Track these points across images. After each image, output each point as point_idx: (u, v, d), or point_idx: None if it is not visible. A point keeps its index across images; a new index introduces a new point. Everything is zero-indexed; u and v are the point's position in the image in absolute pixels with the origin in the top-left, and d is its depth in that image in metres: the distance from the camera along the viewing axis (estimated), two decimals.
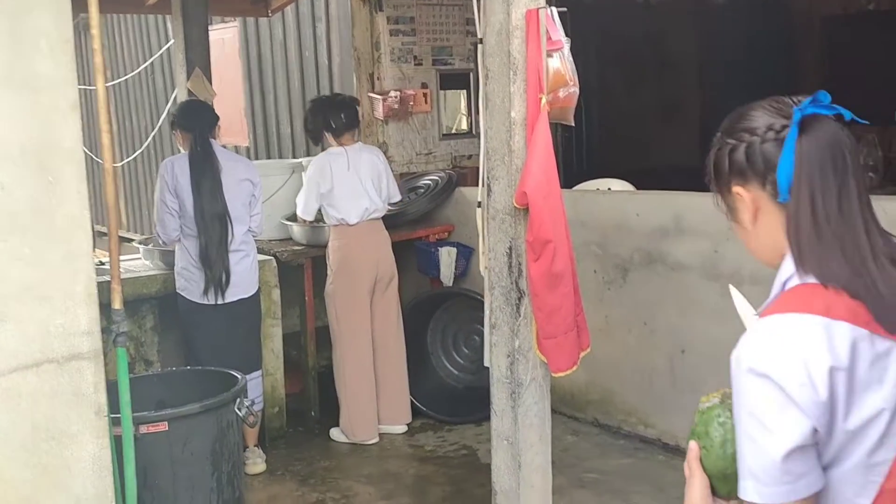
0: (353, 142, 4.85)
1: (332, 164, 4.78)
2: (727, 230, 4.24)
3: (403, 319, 5.31)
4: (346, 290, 4.80)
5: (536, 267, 3.06)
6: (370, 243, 4.83)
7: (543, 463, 3.28)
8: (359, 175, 4.78)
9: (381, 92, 6.61)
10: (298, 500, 4.27)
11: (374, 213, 4.84)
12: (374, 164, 4.87)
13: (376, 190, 4.84)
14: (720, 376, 4.41)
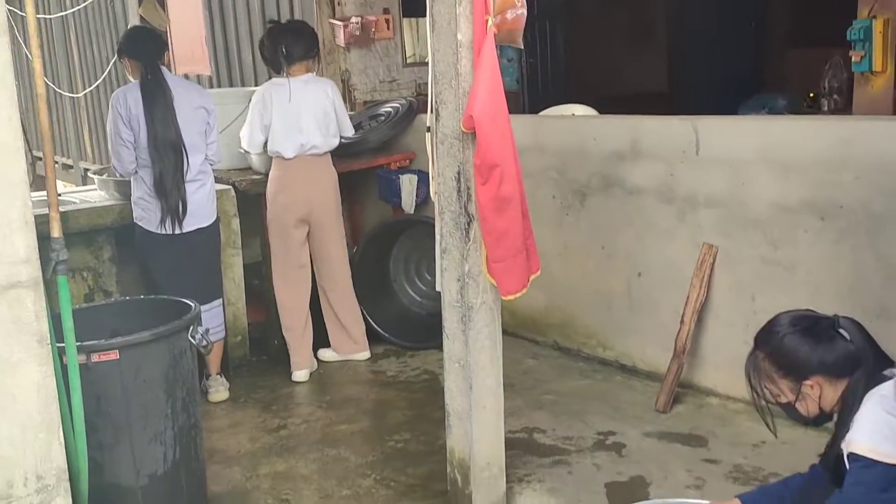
0: (303, 72, 4.75)
1: (273, 96, 4.72)
2: (682, 153, 4.27)
3: (365, 248, 5.33)
4: (277, 223, 4.80)
5: (484, 191, 3.05)
6: (304, 179, 4.74)
7: (495, 385, 3.32)
8: (298, 108, 4.69)
9: (342, 18, 6.51)
10: (260, 426, 4.32)
11: (313, 149, 4.73)
12: (319, 98, 4.74)
13: (318, 125, 4.72)
14: (674, 298, 4.50)
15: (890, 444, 2.12)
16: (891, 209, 3.48)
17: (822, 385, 2.31)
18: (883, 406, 2.18)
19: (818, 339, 2.31)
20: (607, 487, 3.53)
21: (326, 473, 3.80)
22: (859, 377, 2.26)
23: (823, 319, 2.37)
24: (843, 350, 2.29)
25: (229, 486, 3.74)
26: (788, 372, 2.33)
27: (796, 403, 2.36)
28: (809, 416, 2.37)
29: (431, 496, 3.55)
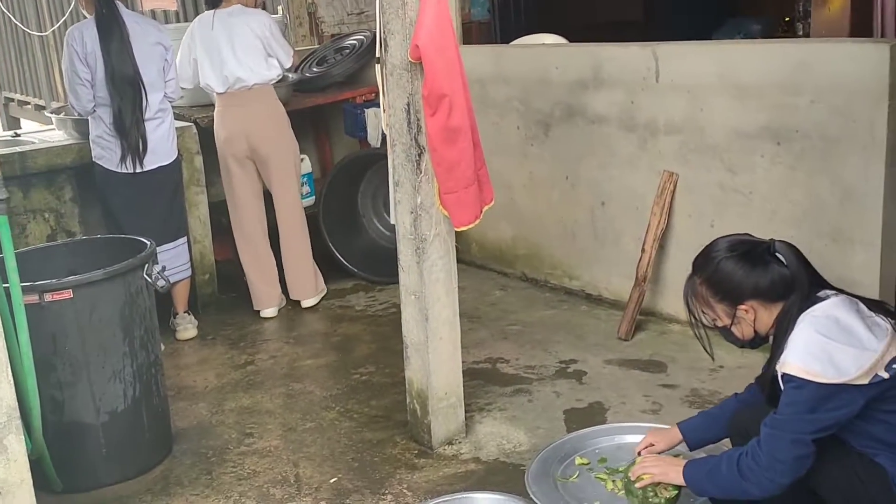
0: (231, 4, 4.65)
1: (197, 29, 4.65)
2: (642, 80, 4.24)
3: (332, 183, 5.30)
4: (220, 159, 4.77)
5: (433, 122, 3.03)
6: (240, 115, 4.65)
7: (451, 316, 3.34)
8: (219, 41, 4.59)
9: None
10: (227, 362, 4.35)
11: (239, 82, 4.61)
12: (247, 29, 4.60)
13: (244, 58, 4.58)
14: (638, 226, 4.52)
15: (820, 363, 2.15)
16: (845, 133, 3.48)
17: (756, 309, 2.33)
18: (814, 327, 2.20)
19: (753, 263, 2.32)
20: (566, 414, 3.58)
21: (291, 407, 3.84)
22: (794, 301, 2.27)
23: (759, 244, 2.37)
24: (777, 275, 2.30)
25: (194, 421, 3.78)
26: (724, 297, 2.35)
27: (732, 327, 2.38)
28: (745, 340, 2.40)
29: (393, 427, 3.59)
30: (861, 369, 2.14)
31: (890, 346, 2.17)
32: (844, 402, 2.16)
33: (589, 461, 2.94)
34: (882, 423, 2.22)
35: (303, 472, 3.34)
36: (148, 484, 3.33)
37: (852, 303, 2.28)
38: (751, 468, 2.25)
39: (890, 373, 2.16)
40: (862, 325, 2.20)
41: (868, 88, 3.36)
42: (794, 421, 2.19)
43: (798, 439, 2.19)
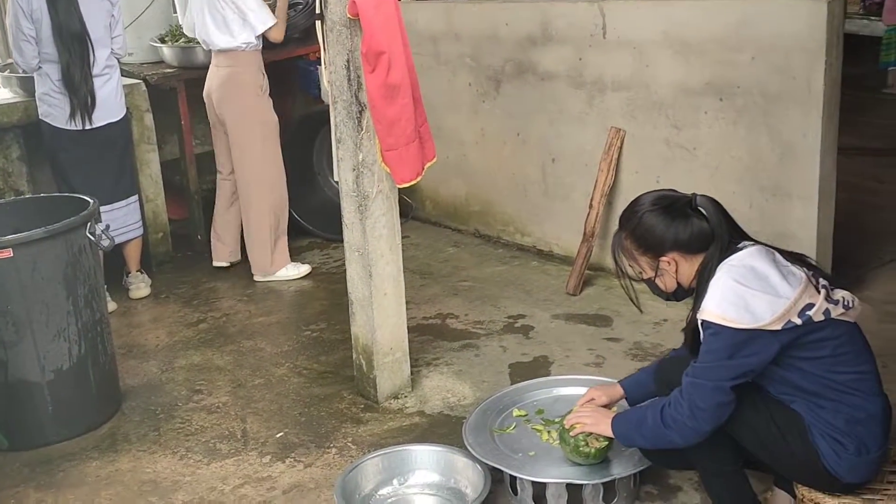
0: None
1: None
2: (590, 37, 4.25)
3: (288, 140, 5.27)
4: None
5: (372, 79, 3.03)
6: (210, 75, 4.66)
7: (395, 272, 3.38)
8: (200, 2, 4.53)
9: None
10: (180, 320, 4.37)
11: (207, 44, 4.59)
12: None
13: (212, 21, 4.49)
14: (587, 183, 4.56)
15: (736, 310, 2.21)
16: (784, 89, 3.52)
17: (678, 261, 2.38)
18: (730, 275, 2.26)
19: (674, 217, 2.37)
20: (511, 368, 3.64)
21: (241, 364, 3.88)
22: (713, 252, 2.33)
23: (681, 198, 2.42)
24: (697, 227, 2.35)
25: (144, 379, 3.80)
26: (647, 249, 2.40)
27: (656, 279, 2.43)
28: (668, 291, 2.45)
29: (341, 381, 3.64)
30: (775, 315, 2.20)
31: (803, 294, 2.23)
32: (760, 347, 2.22)
33: (526, 413, 3.00)
34: (797, 371, 2.28)
35: (250, 427, 3.38)
36: (96, 441, 3.36)
37: (769, 252, 2.34)
38: (673, 417, 2.32)
39: (803, 319, 2.22)
40: (777, 274, 2.26)
41: (806, 45, 3.40)
42: (714, 368, 2.25)
43: (718, 386, 2.26)
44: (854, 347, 2.33)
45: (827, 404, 2.29)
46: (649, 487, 2.84)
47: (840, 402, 2.28)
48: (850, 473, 2.28)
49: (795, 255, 2.39)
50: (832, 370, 2.28)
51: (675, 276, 2.40)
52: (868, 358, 2.36)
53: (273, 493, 2.99)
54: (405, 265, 4.55)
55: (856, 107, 6.90)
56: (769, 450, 2.35)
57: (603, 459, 2.67)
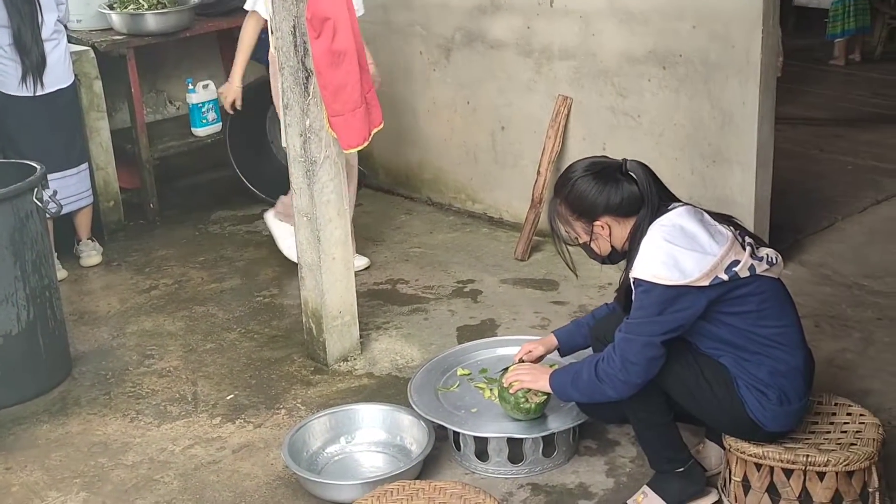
0: None
1: None
2: (538, 5, 4.30)
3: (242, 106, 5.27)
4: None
5: (318, 45, 3.07)
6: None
7: (343, 236, 3.43)
8: None
9: None
10: (132, 287, 4.38)
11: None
12: None
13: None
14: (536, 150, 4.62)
15: (665, 267, 2.30)
16: (723, 58, 3.61)
17: (611, 225, 2.47)
18: (661, 234, 2.35)
19: (605, 182, 2.45)
20: (458, 331, 3.72)
21: (193, 329, 3.91)
22: (644, 215, 2.42)
23: (612, 164, 2.51)
24: (628, 192, 2.44)
25: (95, 344, 3.82)
26: (581, 214, 2.49)
27: (591, 243, 2.52)
28: (603, 255, 2.54)
29: (292, 345, 3.70)
30: (703, 271, 2.30)
31: (730, 251, 2.34)
32: (688, 303, 2.32)
33: (470, 372, 3.08)
34: (725, 325, 2.39)
35: (200, 390, 3.43)
36: (46, 405, 3.39)
37: (697, 212, 2.43)
38: (606, 372, 2.41)
39: (729, 275, 2.32)
40: (705, 232, 2.36)
41: (744, 15, 3.48)
42: (645, 324, 2.35)
43: (649, 342, 2.35)
44: (777, 302, 2.44)
45: (751, 357, 2.40)
46: (588, 442, 2.94)
47: (763, 355, 2.39)
48: (773, 422, 2.39)
49: (724, 216, 2.49)
50: (756, 324, 2.39)
51: (608, 240, 2.49)
52: (790, 312, 2.48)
53: (223, 452, 3.05)
54: (358, 232, 4.64)
55: (803, 78, 7.05)
56: (698, 401, 2.46)
57: (542, 414, 2.76)
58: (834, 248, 4.23)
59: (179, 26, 5.01)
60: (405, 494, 2.37)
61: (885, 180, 5.01)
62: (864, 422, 2.50)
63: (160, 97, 5.80)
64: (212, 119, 5.30)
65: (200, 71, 5.70)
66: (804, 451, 2.39)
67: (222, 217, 5.16)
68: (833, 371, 3.25)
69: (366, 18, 4.78)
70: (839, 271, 4.00)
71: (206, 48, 5.81)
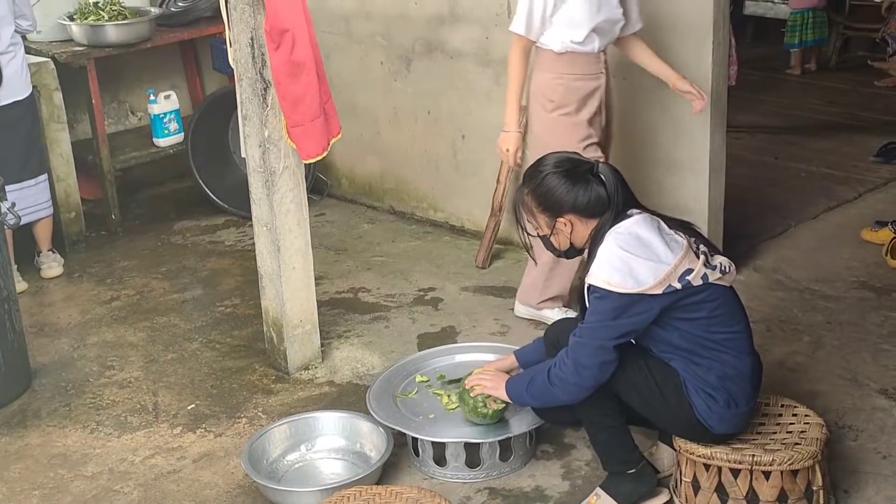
0: None
1: None
2: (496, 16, 4.36)
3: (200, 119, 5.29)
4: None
5: (277, 56, 3.10)
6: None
7: (303, 245, 3.46)
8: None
9: None
10: (93, 299, 4.37)
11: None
12: None
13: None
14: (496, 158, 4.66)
15: (620, 275, 2.36)
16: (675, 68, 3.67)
17: (574, 223, 2.52)
18: (617, 242, 2.41)
19: (575, 181, 2.50)
20: (419, 338, 3.77)
21: (154, 340, 3.92)
22: (607, 218, 2.47)
23: (584, 164, 2.56)
24: (595, 193, 2.49)
25: (55, 356, 3.82)
26: (546, 208, 2.54)
27: (551, 237, 2.57)
28: (561, 250, 2.59)
29: (253, 355, 3.71)
30: (656, 279, 2.36)
31: (683, 260, 2.40)
32: (642, 310, 2.38)
33: (428, 378, 3.12)
34: (676, 330, 2.45)
35: (161, 401, 3.44)
36: (5, 417, 3.38)
37: (654, 220, 2.49)
38: (559, 376, 2.46)
39: (682, 283, 2.38)
40: (660, 241, 2.42)
41: (694, 26, 3.56)
42: (598, 328, 2.40)
43: (601, 346, 2.41)
44: (728, 309, 2.50)
45: (701, 361, 2.46)
46: (545, 446, 2.99)
47: (713, 360, 2.46)
48: (721, 425, 2.45)
49: (681, 223, 2.56)
50: (707, 330, 2.45)
51: (569, 237, 2.54)
52: (741, 319, 2.54)
53: (183, 461, 3.07)
54: (320, 242, 4.67)
55: (760, 87, 7.19)
56: (649, 404, 2.52)
57: (499, 420, 2.81)
58: (786, 254, 4.32)
59: (140, 37, 5.02)
60: (362, 500, 2.41)
61: (836, 187, 5.13)
62: (808, 422, 2.58)
63: (122, 108, 5.80)
64: (173, 129, 5.31)
65: (162, 81, 5.71)
66: (750, 451, 2.46)
67: (185, 227, 5.17)
68: (783, 374, 3.33)
69: (326, 29, 4.85)
70: (791, 276, 4.09)
71: (168, 59, 5.82)
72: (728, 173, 3.98)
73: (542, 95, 3.48)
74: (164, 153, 5.29)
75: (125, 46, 4.98)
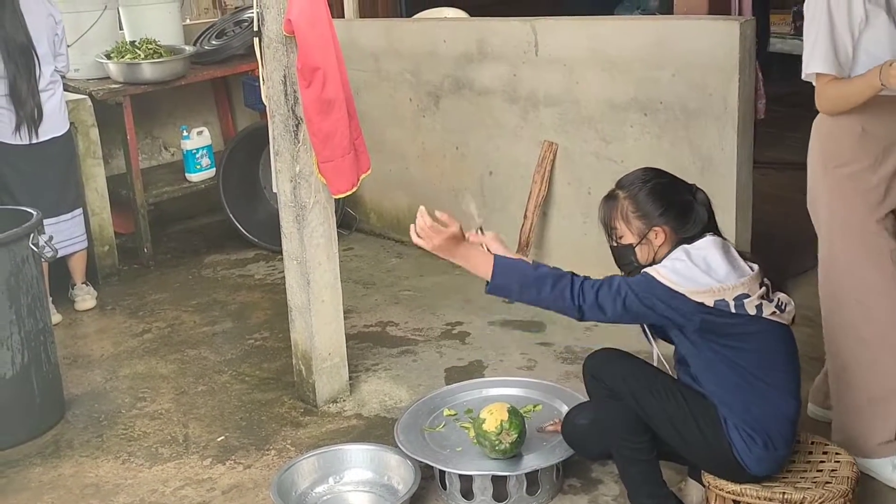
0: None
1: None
2: (523, 54, 4.42)
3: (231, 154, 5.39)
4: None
5: (308, 93, 3.16)
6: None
7: (332, 279, 3.50)
8: None
9: None
10: (126, 331, 4.43)
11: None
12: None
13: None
14: (523, 194, 4.70)
15: (678, 276, 2.39)
16: (702, 105, 3.71)
17: (664, 234, 2.50)
18: (686, 253, 2.43)
19: (677, 194, 2.53)
20: (447, 372, 3.78)
21: (185, 372, 3.96)
22: (691, 237, 2.49)
23: (684, 182, 2.59)
24: (696, 212, 2.51)
25: (88, 387, 3.87)
26: (644, 214, 2.51)
27: (636, 246, 2.54)
28: (642, 262, 2.54)
29: (282, 387, 3.75)
30: (708, 286, 2.37)
31: (745, 283, 2.40)
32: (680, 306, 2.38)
33: (456, 412, 3.14)
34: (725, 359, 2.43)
35: (192, 432, 3.48)
36: (39, 448, 3.43)
37: (725, 244, 2.52)
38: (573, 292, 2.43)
39: (735, 305, 2.37)
40: (724, 262, 2.43)
41: (720, 64, 3.59)
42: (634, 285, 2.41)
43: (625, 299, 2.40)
44: (779, 348, 2.48)
45: (745, 396, 2.44)
46: (572, 480, 2.99)
47: (758, 397, 2.44)
48: (757, 466, 2.44)
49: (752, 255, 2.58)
50: (755, 365, 2.44)
51: (654, 249, 2.52)
52: (791, 360, 2.52)
53: (213, 493, 3.09)
54: (349, 276, 4.71)
55: (786, 123, 7.16)
56: (684, 438, 2.51)
57: (518, 453, 2.81)
58: (815, 291, 4.27)
59: (175, 75, 5.14)
60: None
61: None
62: (839, 460, 2.56)
63: (155, 143, 5.92)
64: (205, 165, 5.41)
65: (195, 118, 5.83)
66: (781, 488, 2.44)
67: (215, 261, 5.24)
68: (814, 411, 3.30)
69: (356, 67, 4.94)
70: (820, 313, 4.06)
71: (201, 95, 5.94)
72: (755, 209, 3.98)
73: (825, 148, 2.83)
74: (195, 188, 5.39)
75: (160, 84, 5.10)
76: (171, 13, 5.51)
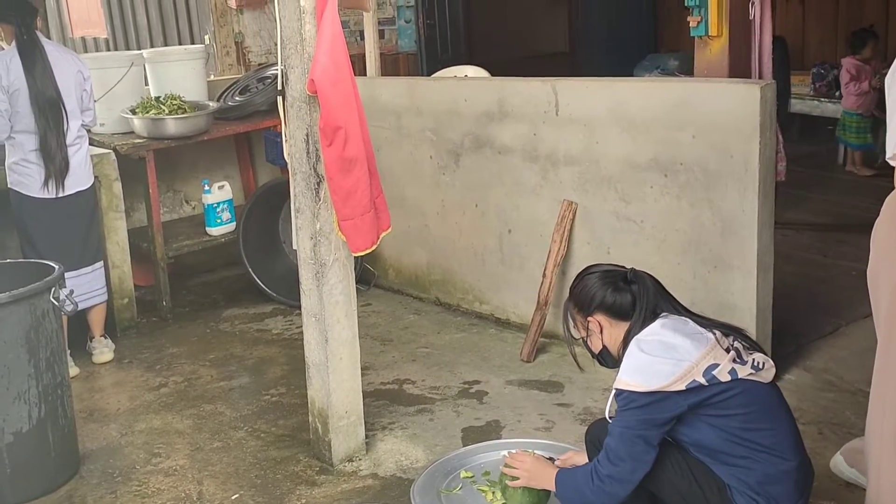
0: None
1: None
2: (544, 113, 4.45)
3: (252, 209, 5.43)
4: None
5: (329, 152, 3.19)
6: None
7: (350, 337, 3.48)
8: None
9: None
10: (142, 385, 4.43)
11: None
12: None
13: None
14: (542, 253, 4.69)
15: (642, 376, 2.45)
16: (723, 167, 3.71)
17: (602, 324, 2.59)
18: (640, 347, 2.47)
19: (607, 283, 2.60)
20: (464, 432, 3.74)
21: (200, 428, 3.94)
22: (635, 321, 2.53)
23: (620, 270, 2.65)
24: (624, 295, 2.56)
25: (104, 442, 3.85)
26: (580, 309, 2.66)
27: (586, 339, 2.63)
28: (595, 351, 2.64)
29: (298, 445, 3.72)
30: (676, 376, 2.38)
31: (708, 355, 2.42)
32: (668, 406, 2.42)
33: (473, 474, 3.10)
34: (713, 429, 2.46)
35: (206, 490, 3.44)
36: (53, 503, 3.40)
37: (680, 321, 2.54)
38: (599, 473, 2.46)
39: (707, 378, 2.39)
40: (685, 339, 2.45)
41: (742, 126, 3.60)
42: (628, 419, 2.45)
43: (633, 437, 2.43)
44: (765, 406, 2.49)
45: (740, 462, 2.45)
46: None
47: (753, 460, 2.44)
48: None
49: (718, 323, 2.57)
50: (744, 428, 2.45)
51: (601, 338, 2.60)
52: (782, 417, 2.51)
53: None
54: (366, 332, 4.70)
55: (807, 184, 7.18)
56: None
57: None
58: (837, 354, 4.25)
59: (198, 130, 5.21)
60: None
61: None
62: None
63: (177, 197, 5.98)
64: (226, 219, 5.45)
65: (216, 172, 5.89)
66: None
67: (233, 315, 5.25)
68: (837, 479, 3.24)
69: (378, 124, 4.99)
70: (843, 377, 4.01)
71: (223, 150, 6.01)
72: (776, 271, 3.96)
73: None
74: (215, 241, 5.43)
75: (183, 139, 5.17)
76: (195, 69, 5.60)
